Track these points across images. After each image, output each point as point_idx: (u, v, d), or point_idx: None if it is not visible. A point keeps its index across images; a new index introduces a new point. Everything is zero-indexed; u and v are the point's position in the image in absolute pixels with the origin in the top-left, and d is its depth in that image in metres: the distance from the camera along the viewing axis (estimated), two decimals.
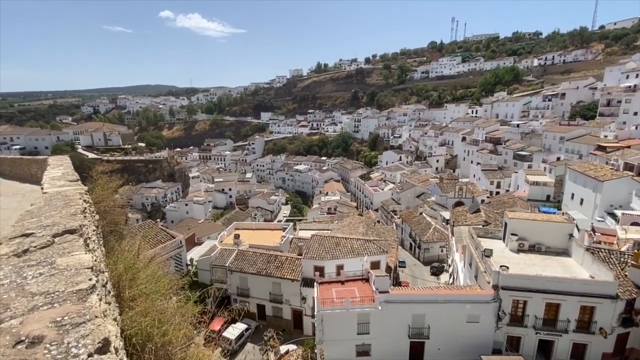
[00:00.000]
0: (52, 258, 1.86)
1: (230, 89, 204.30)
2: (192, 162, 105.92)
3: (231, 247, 30.08)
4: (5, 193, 9.61)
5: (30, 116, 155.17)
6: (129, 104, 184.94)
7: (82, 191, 4.68)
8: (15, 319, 1.24)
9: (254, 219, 56.42)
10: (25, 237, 2.38)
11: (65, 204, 3.61)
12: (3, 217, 6.55)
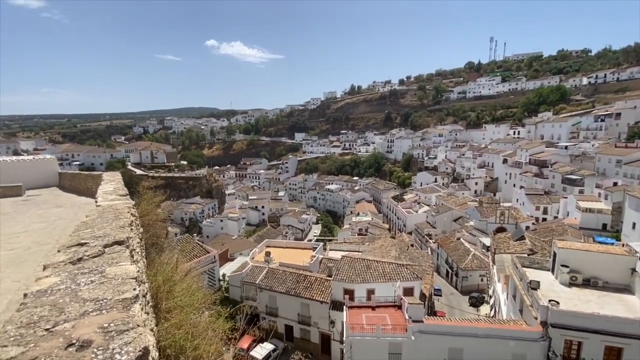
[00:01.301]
0: (102, 267, 2.02)
1: (267, 111, 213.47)
2: (229, 179, 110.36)
3: (262, 265, 30.37)
4: (65, 205, 10.59)
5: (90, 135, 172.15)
6: (175, 124, 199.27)
7: (130, 205, 5.04)
8: (68, 322, 1.35)
9: (285, 237, 56.81)
10: (80, 246, 2.60)
11: (115, 217, 3.90)
12: (62, 227, 7.21)
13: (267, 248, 36.57)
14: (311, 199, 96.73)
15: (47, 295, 1.63)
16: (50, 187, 15.48)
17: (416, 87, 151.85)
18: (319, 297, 25.78)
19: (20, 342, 1.22)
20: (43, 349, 1.16)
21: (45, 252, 5.34)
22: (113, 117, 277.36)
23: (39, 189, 14.71)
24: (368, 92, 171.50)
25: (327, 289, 25.99)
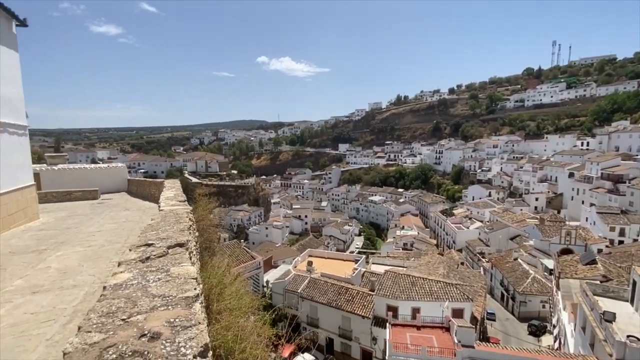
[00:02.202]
0: (167, 266, 2.20)
1: (312, 123, 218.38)
2: (275, 189, 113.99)
3: (304, 274, 30.59)
4: (132, 208, 11.76)
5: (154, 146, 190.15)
6: (227, 136, 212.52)
7: (188, 210, 5.44)
8: (140, 315, 1.49)
9: (327, 248, 56.76)
10: (148, 247, 2.86)
11: (176, 221, 4.23)
12: (129, 228, 8.02)
13: (309, 257, 36.81)
14: (354, 210, 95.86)
15: (122, 289, 1.82)
16: (120, 192, 17.32)
17: (468, 96, 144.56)
18: (360, 311, 25.18)
19: (102, 329, 1.37)
20: (120, 337, 1.30)
21: (116, 251, 5.97)
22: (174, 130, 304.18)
23: (111, 193, 16.53)
24: (415, 102, 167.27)
25: (370, 304, 25.29)
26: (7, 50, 8.82)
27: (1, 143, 8.12)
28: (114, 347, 1.22)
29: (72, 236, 7.30)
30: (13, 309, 3.65)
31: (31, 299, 3.92)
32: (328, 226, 71.32)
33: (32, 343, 2.92)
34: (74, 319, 3.35)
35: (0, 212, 7.85)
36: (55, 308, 3.62)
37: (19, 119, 9.11)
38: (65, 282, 4.41)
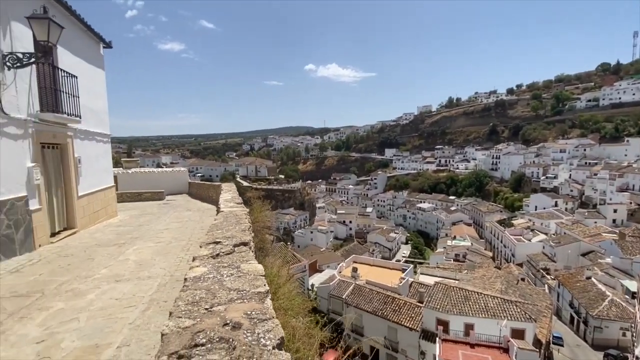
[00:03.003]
0: (236, 263, 2.37)
1: (358, 128, 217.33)
2: (320, 193, 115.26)
3: (349, 280, 30.35)
4: (193, 209, 12.74)
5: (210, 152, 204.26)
6: (275, 142, 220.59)
7: (245, 212, 5.75)
8: (221, 305, 1.63)
9: (372, 255, 55.67)
10: (216, 244, 3.09)
11: (237, 222, 4.50)
12: (192, 227, 8.71)
13: (354, 264, 36.45)
14: (400, 217, 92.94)
15: (201, 281, 2.00)
16: (182, 193, 18.87)
17: (529, 96, 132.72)
18: (408, 322, 24.22)
19: (190, 316, 1.53)
20: (207, 324, 1.43)
21: (181, 247, 6.53)
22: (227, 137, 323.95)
23: (174, 194, 18.09)
24: (469, 104, 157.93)
25: (418, 316, 24.23)
26: (96, 70, 10.19)
27: (90, 149, 9.40)
28: (203, 333, 1.35)
29: (144, 232, 8.14)
30: (101, 294, 4.18)
31: (115, 286, 4.45)
32: (373, 233, 70.05)
33: (118, 325, 3.31)
34: (150, 306, 3.73)
35: (88, 210, 9.05)
36: (135, 296, 4.07)
37: (104, 129, 10.45)
38: (141, 274, 4.93)
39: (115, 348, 2.87)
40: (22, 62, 6.19)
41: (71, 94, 7.90)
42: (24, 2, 6.50)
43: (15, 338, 3.15)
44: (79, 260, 5.77)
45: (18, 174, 6.27)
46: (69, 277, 4.91)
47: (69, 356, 2.78)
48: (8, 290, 4.43)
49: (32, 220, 6.50)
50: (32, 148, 6.69)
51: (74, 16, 8.48)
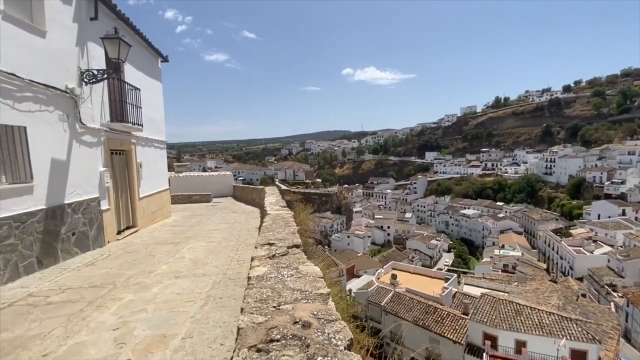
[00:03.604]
0: (294, 264, 2.46)
1: (396, 131, 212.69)
2: (357, 197, 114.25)
3: (388, 287, 29.66)
4: (238, 211, 13.33)
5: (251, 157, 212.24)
6: (313, 146, 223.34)
7: (291, 215, 5.90)
8: (287, 304, 1.71)
9: (411, 262, 53.86)
10: (270, 246, 3.22)
11: (285, 224, 4.63)
12: (239, 228, 9.12)
13: (393, 270, 35.59)
14: (442, 223, 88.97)
15: (264, 280, 2.11)
16: (227, 196, 19.80)
17: (590, 93, 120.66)
18: (451, 335, 23.03)
19: (261, 313, 1.63)
20: (278, 321, 1.51)
21: (231, 247, 6.87)
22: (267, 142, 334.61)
23: (220, 197, 19.05)
24: (518, 104, 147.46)
25: (462, 328, 22.95)
26: (155, 82, 11.12)
27: (150, 155, 10.26)
28: (276, 329, 1.43)
29: (196, 232, 8.69)
30: (164, 289, 4.54)
31: (175, 282, 4.81)
32: (413, 239, 67.82)
33: (180, 318, 3.57)
34: (208, 302, 3.98)
35: (147, 210, 9.87)
36: (193, 291, 4.37)
37: (161, 136, 11.36)
38: (197, 271, 5.27)
39: (180, 339, 3.10)
40: (96, 77, 6.97)
41: (135, 105, 8.73)
42: (98, 24, 7.33)
43: (94, 324, 3.53)
44: (142, 257, 6.31)
45: (92, 177, 7.04)
46: (134, 271, 5.40)
47: (141, 344, 3.06)
48: (86, 281, 4.98)
49: (103, 219, 7.25)
50: (103, 154, 7.48)
51: (138, 34, 9.38)
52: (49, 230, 5.76)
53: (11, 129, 5.25)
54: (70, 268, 5.66)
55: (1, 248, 4.86)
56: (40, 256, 5.57)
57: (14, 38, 5.22)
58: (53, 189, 5.92)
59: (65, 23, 6.40)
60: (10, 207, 5.07)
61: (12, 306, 4.10)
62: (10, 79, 5.11)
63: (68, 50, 6.47)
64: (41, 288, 4.72)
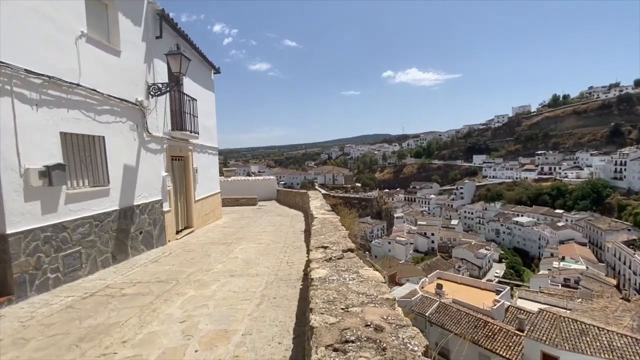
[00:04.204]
0: (352, 268, 2.48)
1: (440, 133, 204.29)
2: (398, 203, 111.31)
3: (432, 297, 28.38)
4: (282, 214, 13.68)
5: (291, 161, 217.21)
6: (352, 151, 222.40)
7: (338, 219, 5.93)
8: (355, 307, 1.73)
9: (458, 271, 50.98)
10: (325, 249, 3.27)
11: (334, 228, 4.67)
12: (285, 231, 9.37)
13: (439, 280, 33.99)
14: (492, 231, 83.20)
15: (327, 282, 2.16)
16: (271, 200, 20.44)
17: None
18: (504, 351, 21.32)
19: (331, 314, 1.67)
20: (349, 323, 1.54)
21: (279, 249, 7.08)
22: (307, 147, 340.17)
23: (264, 201, 19.72)
24: (580, 102, 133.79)
25: (517, 346, 21.14)
26: (208, 92, 11.89)
27: (204, 161, 10.98)
28: (349, 330, 1.46)
29: (246, 234, 9.08)
30: (221, 286, 4.81)
31: (230, 280, 5.08)
32: (459, 247, 64.25)
33: (239, 315, 3.76)
34: (263, 301, 4.14)
35: (201, 212, 10.54)
36: (248, 290, 4.57)
37: (214, 143, 12.10)
38: (250, 271, 5.51)
39: (240, 335, 3.27)
40: (161, 90, 7.66)
41: (192, 115, 9.42)
42: (161, 41, 8.06)
43: (163, 316, 3.85)
44: (199, 255, 6.76)
45: (156, 181, 7.71)
46: (194, 269, 5.80)
47: (205, 337, 3.28)
48: (152, 276, 5.45)
49: (165, 219, 7.89)
50: (165, 160, 8.16)
51: (194, 49, 10.13)
52: (121, 229, 6.41)
53: (92, 139, 5.95)
54: (138, 264, 6.23)
55: (83, 244, 5.52)
56: (114, 252, 6.21)
57: (95, 58, 5.94)
58: (125, 192, 6.59)
59: (135, 42, 7.14)
60: (91, 207, 5.74)
61: (93, 296, 4.63)
62: (91, 94, 5.82)
63: (138, 67, 7.20)
64: (116, 281, 5.26)
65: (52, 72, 4.97)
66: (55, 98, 5.08)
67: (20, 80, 4.51)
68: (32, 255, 4.59)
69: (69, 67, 5.34)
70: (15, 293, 4.34)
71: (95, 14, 6.05)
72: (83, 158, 5.73)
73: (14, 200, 4.38)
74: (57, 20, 5.13)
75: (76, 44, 5.49)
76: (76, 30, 5.49)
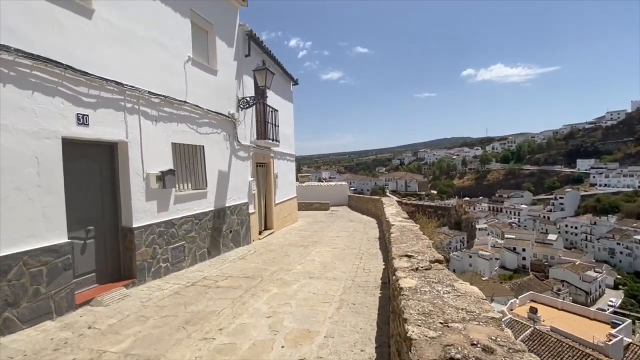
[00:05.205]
0: (445, 280, 2.31)
1: (533, 135, 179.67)
2: (480, 212, 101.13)
3: (524, 322, 24.85)
4: (355, 220, 13.66)
5: (361, 167, 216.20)
6: (427, 156, 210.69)
7: (417, 227, 5.64)
8: (455, 323, 1.61)
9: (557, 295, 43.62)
10: (409, 258, 3.14)
11: (415, 236, 4.46)
12: (359, 237, 9.33)
13: (532, 302, 29.68)
14: (604, 250, 69.29)
15: (419, 293, 2.06)
16: (343, 205, 20.61)
17: None
18: None
19: (429, 327, 1.58)
20: (452, 339, 1.44)
21: (354, 255, 7.06)
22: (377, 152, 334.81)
23: (336, 206, 19.97)
24: None
25: None
26: (288, 103, 12.64)
27: (283, 167, 11.68)
28: (454, 347, 1.36)
29: (321, 238, 9.32)
30: (301, 287, 5.00)
31: (309, 282, 5.25)
32: (559, 267, 55.13)
33: (320, 317, 3.85)
34: (342, 306, 4.17)
35: (280, 215, 11.19)
36: (327, 293, 4.66)
37: (291, 150, 12.79)
38: (327, 274, 5.62)
39: (322, 337, 3.34)
40: (249, 103, 8.42)
41: (274, 124, 10.12)
42: (249, 59, 8.88)
43: (252, 310, 4.17)
44: (280, 256, 7.17)
45: (243, 186, 8.47)
46: (276, 268, 6.17)
47: (290, 334, 3.44)
48: (241, 272, 5.98)
49: (250, 220, 8.60)
50: (251, 166, 8.92)
51: (276, 63, 10.91)
52: (215, 227, 7.21)
53: (195, 148, 6.85)
54: (228, 259, 6.91)
55: (186, 239, 6.35)
56: (210, 247, 7.01)
57: (198, 78, 6.85)
58: (219, 195, 7.40)
59: (228, 62, 8.03)
60: (193, 207, 6.59)
61: (194, 285, 5.27)
62: (194, 109, 6.71)
63: (230, 83, 8.06)
64: (211, 273, 5.91)
65: (167, 92, 5.91)
66: (169, 114, 6.02)
67: (145, 101, 5.47)
68: (150, 247, 5.47)
69: (179, 88, 6.28)
70: (137, 277, 5.21)
71: (198, 39, 7.00)
72: (187, 165, 6.64)
73: (138, 200, 5.30)
74: (171, 48, 6.09)
75: (184, 67, 6.43)
76: (184, 55, 6.44)
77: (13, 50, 3.58)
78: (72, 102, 4.28)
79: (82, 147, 4.60)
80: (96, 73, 4.55)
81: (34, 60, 3.79)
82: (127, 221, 5.19)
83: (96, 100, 4.61)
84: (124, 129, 5.06)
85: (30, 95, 3.80)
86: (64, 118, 4.18)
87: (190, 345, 3.25)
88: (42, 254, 3.86)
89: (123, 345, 3.29)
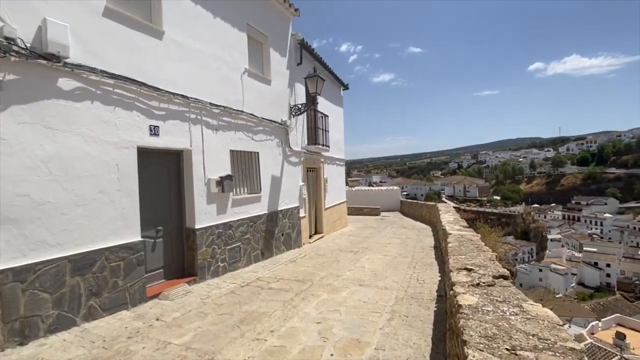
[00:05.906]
0: (512, 300, 2.07)
1: (619, 133, 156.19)
2: (553, 221, 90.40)
3: (608, 348, 21.45)
4: (407, 227, 13.13)
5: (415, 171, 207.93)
6: (489, 158, 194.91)
7: (478, 237, 5.20)
8: (525, 351, 1.42)
9: None
10: (468, 271, 2.89)
11: (476, 248, 4.11)
12: (412, 245, 8.93)
13: (618, 326, 25.59)
14: None
15: (480, 313, 1.87)
16: (394, 211, 19.97)
17: None
18: None
19: (492, 352, 1.42)
20: None
21: (407, 264, 6.76)
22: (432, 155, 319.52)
23: (387, 211, 19.43)
24: None
25: None
26: (338, 108, 12.68)
27: (333, 171, 11.73)
28: None
29: (371, 244, 9.12)
30: (351, 294, 4.92)
31: (359, 289, 5.14)
32: None
33: (370, 327, 3.74)
34: (394, 317, 4.00)
35: (330, 219, 11.22)
36: (378, 303, 4.52)
37: (341, 155, 12.79)
38: (378, 283, 5.46)
39: (373, 348, 3.23)
40: (300, 110, 8.63)
41: (324, 130, 10.23)
42: (301, 67, 9.10)
43: (302, 314, 4.21)
44: (329, 261, 7.17)
45: (295, 190, 8.68)
46: (325, 273, 6.18)
47: (340, 342, 3.39)
48: (291, 275, 6.10)
49: (301, 224, 8.77)
50: (302, 171, 9.11)
51: (327, 69, 11.03)
52: (268, 230, 7.48)
53: (250, 154, 7.21)
54: (280, 262, 7.11)
55: (242, 240, 6.68)
56: (263, 249, 7.29)
57: (253, 88, 7.22)
58: (272, 199, 7.68)
59: (281, 71, 8.33)
60: (248, 210, 6.92)
61: (249, 285, 5.51)
62: (250, 118, 7.07)
63: (283, 92, 8.35)
64: (264, 275, 6.13)
65: (225, 103, 6.32)
66: (227, 123, 6.43)
67: (206, 111, 5.91)
68: (210, 247, 5.86)
69: (236, 98, 6.68)
70: (198, 275, 5.62)
71: (253, 51, 7.39)
72: (243, 170, 7.01)
73: (200, 203, 5.72)
74: (230, 61, 6.51)
75: (241, 79, 6.83)
76: (241, 67, 6.84)
77: (99, 72, 4.14)
78: (145, 115, 4.80)
79: (153, 155, 5.12)
80: (165, 88, 5.05)
81: (115, 80, 4.33)
82: (191, 222, 5.64)
83: (165, 113, 5.11)
84: (188, 137, 5.53)
85: (112, 110, 4.35)
86: (139, 129, 4.70)
87: (243, 345, 3.39)
88: (120, 250, 4.36)
89: (185, 339, 3.55)
